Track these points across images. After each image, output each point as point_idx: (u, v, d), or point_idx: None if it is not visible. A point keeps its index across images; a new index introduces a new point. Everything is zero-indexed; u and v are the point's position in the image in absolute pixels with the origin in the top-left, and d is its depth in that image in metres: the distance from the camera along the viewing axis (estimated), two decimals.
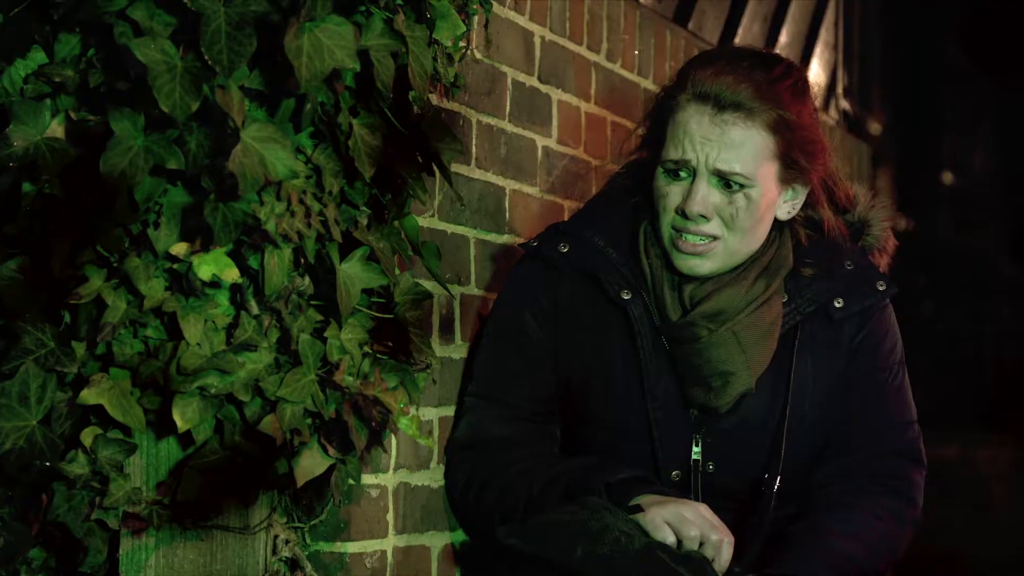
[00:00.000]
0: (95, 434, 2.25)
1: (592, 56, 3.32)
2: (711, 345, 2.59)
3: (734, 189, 2.56)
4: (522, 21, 3.02)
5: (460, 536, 2.82)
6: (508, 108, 2.98)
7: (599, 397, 2.66)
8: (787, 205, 2.65)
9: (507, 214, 2.98)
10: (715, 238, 2.58)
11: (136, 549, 2.30)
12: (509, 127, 2.99)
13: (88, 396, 2.22)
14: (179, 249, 2.23)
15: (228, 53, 2.14)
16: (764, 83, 2.56)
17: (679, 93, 2.58)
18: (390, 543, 2.62)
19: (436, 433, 2.73)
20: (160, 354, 2.24)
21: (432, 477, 2.73)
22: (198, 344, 2.23)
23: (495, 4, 2.87)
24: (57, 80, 2.21)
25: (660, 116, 2.63)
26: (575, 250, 2.68)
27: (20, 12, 2.21)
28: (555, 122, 3.17)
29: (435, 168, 2.42)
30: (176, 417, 2.23)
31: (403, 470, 2.65)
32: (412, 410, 2.45)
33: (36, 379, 2.20)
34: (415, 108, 2.40)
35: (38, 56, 2.23)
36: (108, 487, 2.25)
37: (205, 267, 2.23)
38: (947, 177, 8.35)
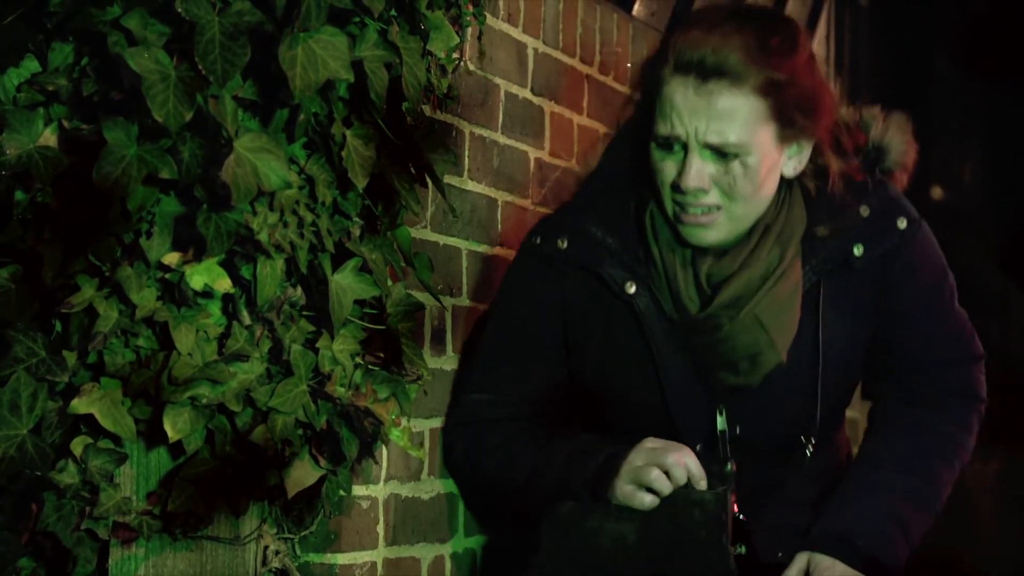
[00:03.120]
0: (85, 443, 2.24)
1: (585, 69, 3.33)
2: (734, 334, 2.51)
3: (729, 158, 2.46)
4: (515, 33, 3.03)
5: (450, 548, 2.82)
6: (501, 120, 2.98)
7: (613, 387, 2.62)
8: (792, 162, 2.54)
9: (499, 226, 2.98)
10: (717, 207, 2.49)
11: (126, 559, 2.29)
12: (502, 139, 2.99)
13: (79, 405, 2.21)
14: (171, 259, 2.23)
15: (222, 63, 2.14)
16: (748, 46, 2.42)
17: (661, 66, 2.46)
18: (380, 554, 2.62)
19: (427, 445, 2.73)
20: (151, 364, 2.23)
21: (423, 489, 2.72)
22: (189, 354, 2.23)
23: (488, 16, 2.87)
24: (50, 89, 2.21)
25: (648, 89, 2.52)
26: (574, 245, 2.60)
27: (13, 20, 2.21)
28: (548, 134, 3.17)
29: (428, 179, 2.43)
30: (167, 427, 2.23)
31: (394, 481, 2.64)
32: (403, 421, 2.44)
33: (27, 388, 2.19)
34: (408, 119, 2.40)
35: (31, 65, 2.23)
36: (98, 497, 2.25)
37: (197, 277, 2.23)
38: (936, 191, 8.37)
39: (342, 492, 2.44)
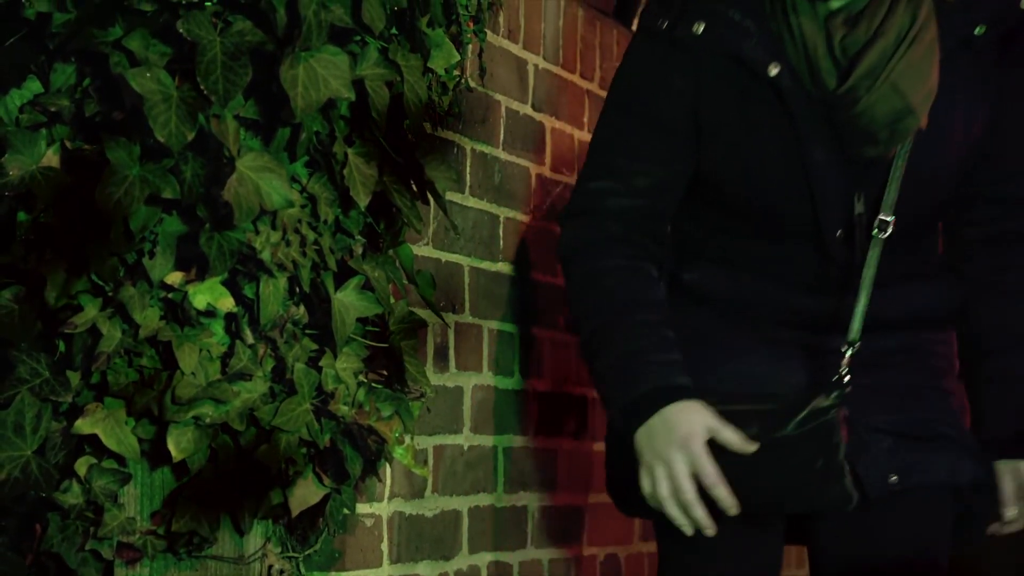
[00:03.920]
0: (89, 464, 2.24)
1: (585, 84, 3.34)
2: (872, 104, 2.44)
3: None
4: (516, 50, 3.03)
5: (454, 565, 2.82)
6: (502, 136, 2.99)
7: (753, 175, 2.50)
8: None
9: (501, 242, 2.99)
10: None
11: None
12: (503, 155, 3.00)
13: (83, 426, 2.21)
14: (174, 278, 2.23)
15: (223, 83, 2.15)
16: None
17: None
18: (384, 572, 2.62)
19: (431, 462, 2.73)
20: (155, 383, 2.23)
21: (427, 506, 2.72)
22: (193, 373, 2.23)
23: (489, 33, 2.88)
24: (53, 109, 2.22)
25: None
26: (712, 30, 2.47)
27: (15, 42, 2.21)
28: (549, 150, 3.18)
29: (429, 196, 2.43)
30: (171, 446, 2.23)
31: (398, 499, 2.64)
32: (407, 439, 2.44)
33: (31, 409, 2.19)
34: (410, 136, 2.41)
35: (34, 86, 2.23)
36: (102, 517, 2.24)
37: (200, 296, 2.23)
38: None
39: (346, 510, 2.44)
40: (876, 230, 2.48)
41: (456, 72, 2.73)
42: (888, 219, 2.48)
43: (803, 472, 2.39)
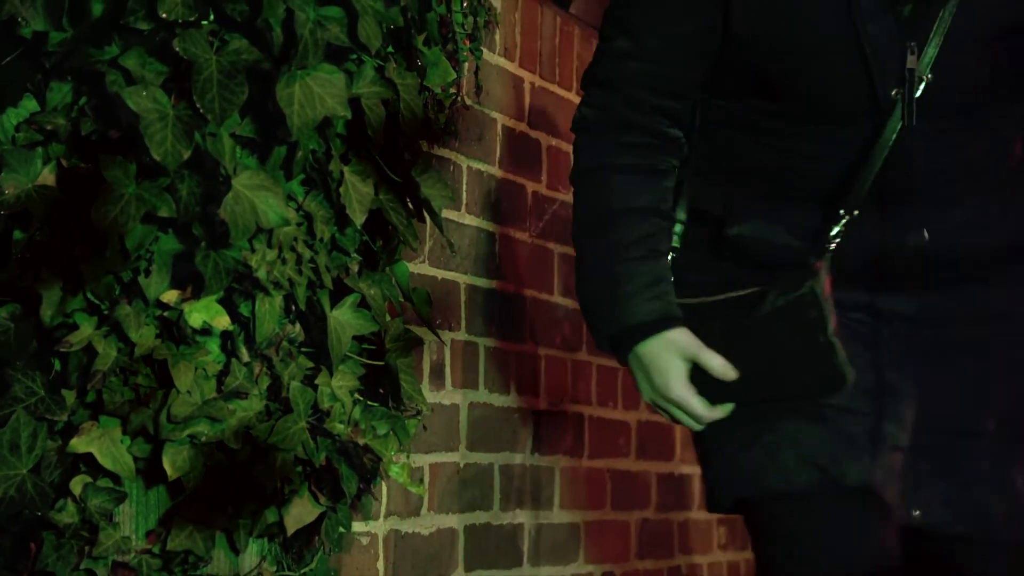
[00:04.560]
0: (85, 483, 2.24)
1: None
2: None
3: None
4: (512, 68, 3.04)
5: None
6: (498, 154, 2.99)
7: (793, 31, 2.25)
8: None
9: (497, 259, 2.99)
10: None
11: None
12: (499, 172, 3.00)
13: (78, 444, 2.21)
14: (170, 296, 2.23)
15: (220, 101, 2.15)
16: None
17: None
18: None
19: (427, 480, 2.73)
20: (150, 402, 2.23)
21: (422, 524, 2.72)
22: (188, 392, 2.23)
23: (485, 51, 2.88)
24: (49, 128, 2.22)
25: None
26: None
27: (12, 60, 2.21)
28: (545, 167, 3.18)
29: (426, 214, 2.43)
30: (166, 465, 2.23)
31: (393, 517, 2.64)
32: (403, 457, 2.44)
33: (27, 428, 2.19)
34: (406, 154, 2.41)
35: (30, 104, 2.24)
36: (97, 536, 2.24)
37: (196, 314, 2.23)
38: None
39: (342, 529, 2.44)
40: (921, 104, 2.20)
41: (452, 90, 2.73)
42: (924, 76, 2.22)
43: (784, 355, 2.17)
